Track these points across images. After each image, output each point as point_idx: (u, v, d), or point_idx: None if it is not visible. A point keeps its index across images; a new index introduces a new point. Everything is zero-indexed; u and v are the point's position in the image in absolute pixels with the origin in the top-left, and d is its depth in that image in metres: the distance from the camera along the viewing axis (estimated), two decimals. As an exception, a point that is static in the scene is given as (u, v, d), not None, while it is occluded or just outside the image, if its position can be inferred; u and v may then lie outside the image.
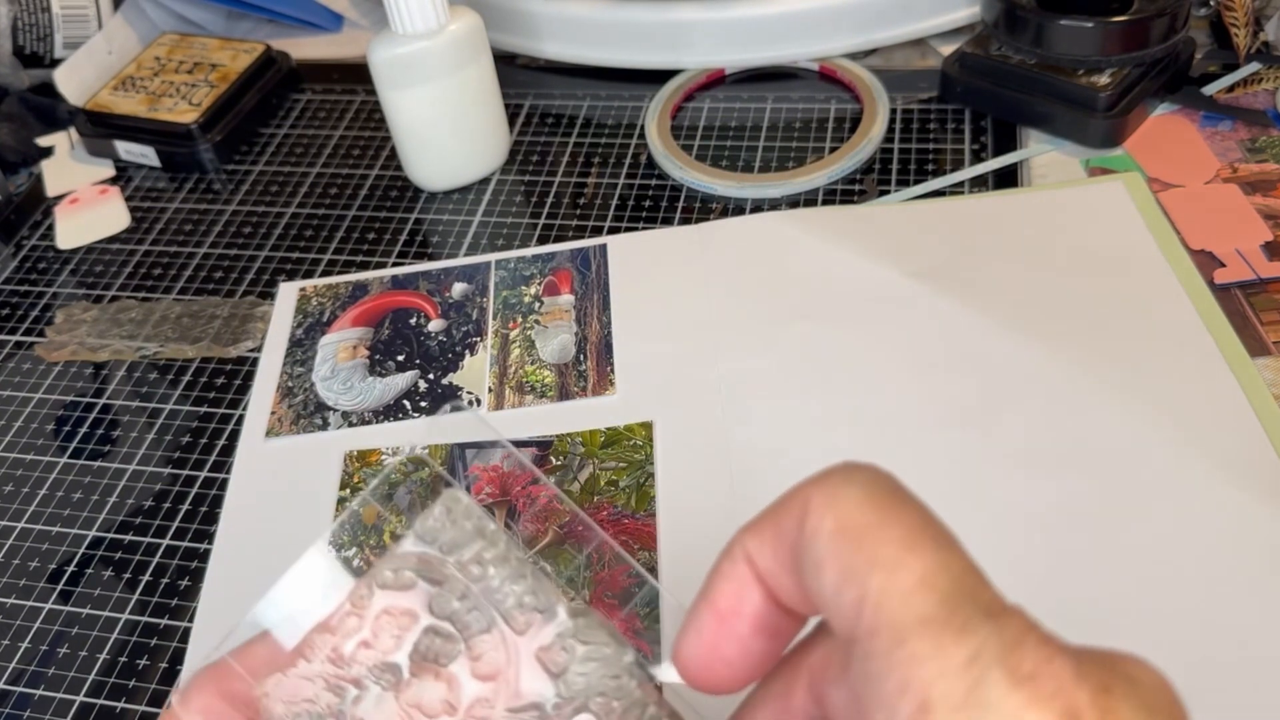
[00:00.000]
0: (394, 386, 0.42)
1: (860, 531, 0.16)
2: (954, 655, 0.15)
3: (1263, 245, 0.42)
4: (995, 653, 0.15)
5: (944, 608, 0.15)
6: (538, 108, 0.55)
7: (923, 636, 0.15)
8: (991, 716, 0.14)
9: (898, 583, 0.15)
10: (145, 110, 0.56)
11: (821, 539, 0.16)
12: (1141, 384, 0.37)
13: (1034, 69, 0.47)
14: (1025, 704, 0.14)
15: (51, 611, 0.38)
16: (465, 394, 0.42)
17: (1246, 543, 0.33)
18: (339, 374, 0.43)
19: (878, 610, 0.15)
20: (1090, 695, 0.15)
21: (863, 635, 0.15)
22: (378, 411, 0.41)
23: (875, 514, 0.16)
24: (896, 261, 0.43)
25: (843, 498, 0.17)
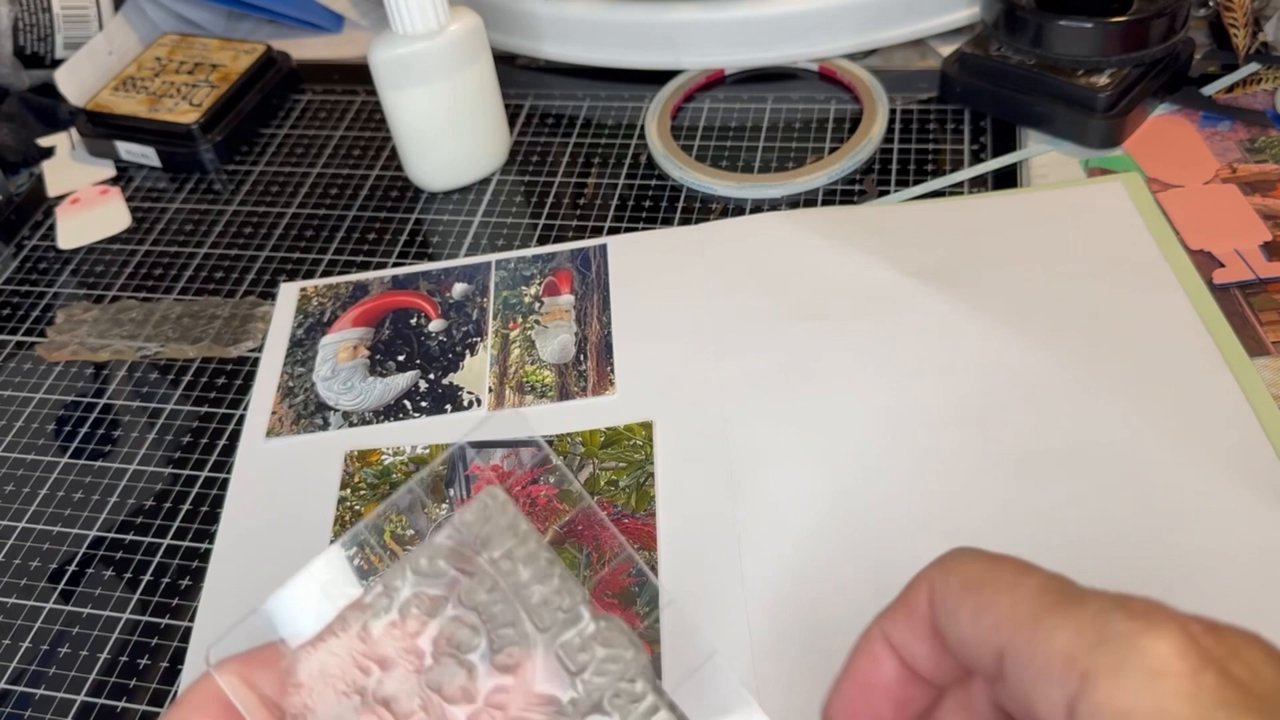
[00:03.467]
0: (394, 386, 0.42)
1: (979, 578, 0.20)
2: (1079, 616, 0.18)
3: (1262, 245, 0.42)
4: (1111, 604, 0.18)
5: (1060, 596, 0.19)
6: (538, 108, 0.56)
7: (1052, 615, 0.18)
8: (1123, 642, 0.17)
9: (1020, 595, 0.19)
10: (146, 110, 0.56)
11: (952, 594, 0.20)
12: (1141, 384, 0.37)
13: (1033, 69, 0.48)
14: (1145, 629, 0.17)
15: (52, 611, 0.38)
16: (465, 394, 0.42)
17: (1246, 543, 0.33)
18: (339, 374, 0.43)
19: (1012, 619, 0.19)
20: (1200, 624, 0.17)
21: (1006, 643, 0.19)
22: (378, 412, 0.42)
23: (986, 564, 0.20)
24: (896, 262, 0.43)
25: (958, 563, 0.21)
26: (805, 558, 0.34)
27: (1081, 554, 0.33)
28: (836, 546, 0.34)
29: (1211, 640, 0.17)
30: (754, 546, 0.35)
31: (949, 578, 0.20)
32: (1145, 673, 0.17)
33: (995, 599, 0.19)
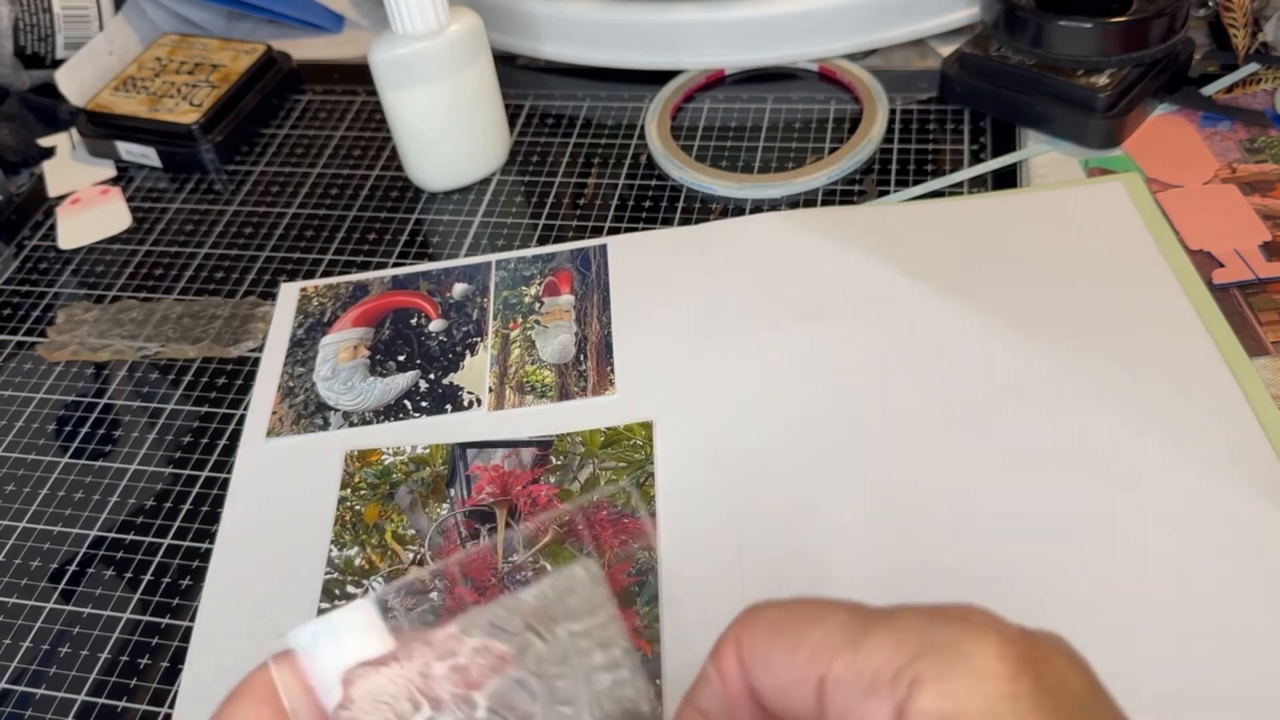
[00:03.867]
0: (395, 386, 0.42)
1: (785, 619, 0.20)
2: (898, 630, 0.18)
3: (1261, 245, 0.42)
4: (927, 615, 0.18)
5: (871, 616, 0.19)
6: (538, 108, 0.56)
7: (870, 634, 0.18)
8: (948, 649, 0.17)
9: (833, 624, 0.19)
10: (146, 111, 0.56)
11: (761, 643, 0.20)
12: (1140, 384, 0.37)
13: (1033, 69, 0.48)
14: (967, 634, 0.18)
15: (53, 611, 0.38)
16: (466, 394, 0.42)
17: (1245, 543, 0.33)
18: (340, 374, 0.43)
19: (829, 646, 0.19)
20: (1014, 629, 0.18)
21: (826, 671, 0.19)
22: (378, 411, 0.42)
23: (787, 607, 0.20)
24: (896, 262, 0.43)
25: (759, 614, 0.20)
26: (805, 558, 0.34)
27: (1081, 554, 0.33)
28: (837, 547, 0.34)
29: (1026, 645, 0.18)
30: (754, 547, 0.35)
31: (754, 629, 0.20)
32: (972, 676, 0.17)
33: (807, 632, 0.19)
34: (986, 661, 0.17)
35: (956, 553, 0.34)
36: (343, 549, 0.37)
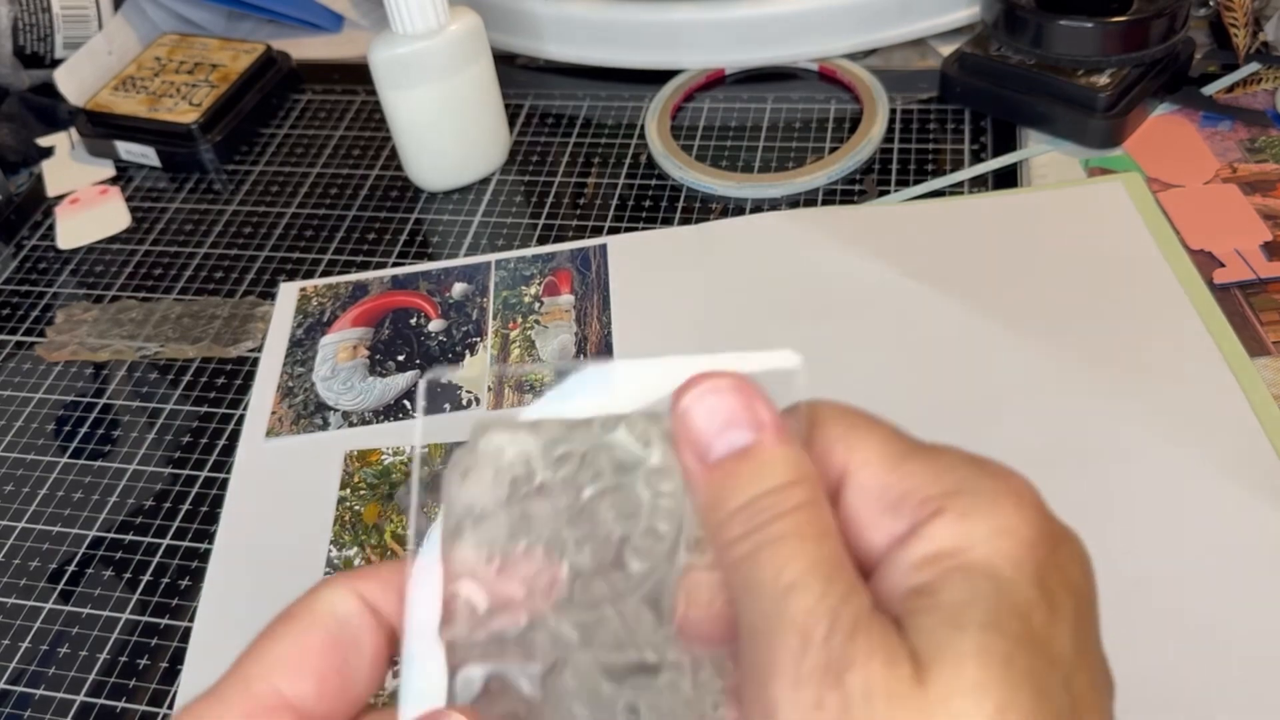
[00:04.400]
0: (394, 386, 0.42)
1: (829, 415, 0.21)
2: (939, 465, 0.18)
3: (1262, 245, 0.42)
4: (970, 461, 0.19)
5: (918, 444, 0.19)
6: (538, 108, 0.56)
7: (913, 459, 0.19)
8: (981, 497, 0.17)
9: (884, 435, 0.20)
10: (146, 110, 0.56)
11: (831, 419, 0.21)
12: (1141, 384, 0.37)
13: (1033, 69, 0.47)
14: (1006, 492, 0.18)
15: (52, 611, 0.38)
16: (465, 393, 0.42)
17: (1247, 542, 0.33)
18: (339, 374, 0.43)
19: (877, 454, 0.19)
20: (1047, 507, 0.18)
21: (857, 471, 0.19)
22: (378, 411, 0.41)
23: (852, 410, 0.21)
24: (896, 261, 0.43)
25: (830, 403, 0.21)
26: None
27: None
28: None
29: (1053, 526, 0.18)
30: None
31: (828, 407, 0.20)
32: (993, 526, 0.17)
33: (863, 434, 0.19)
34: (1012, 520, 0.17)
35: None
36: (342, 549, 0.37)
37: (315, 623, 0.20)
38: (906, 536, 0.17)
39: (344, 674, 0.19)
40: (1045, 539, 0.17)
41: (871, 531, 0.18)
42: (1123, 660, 0.31)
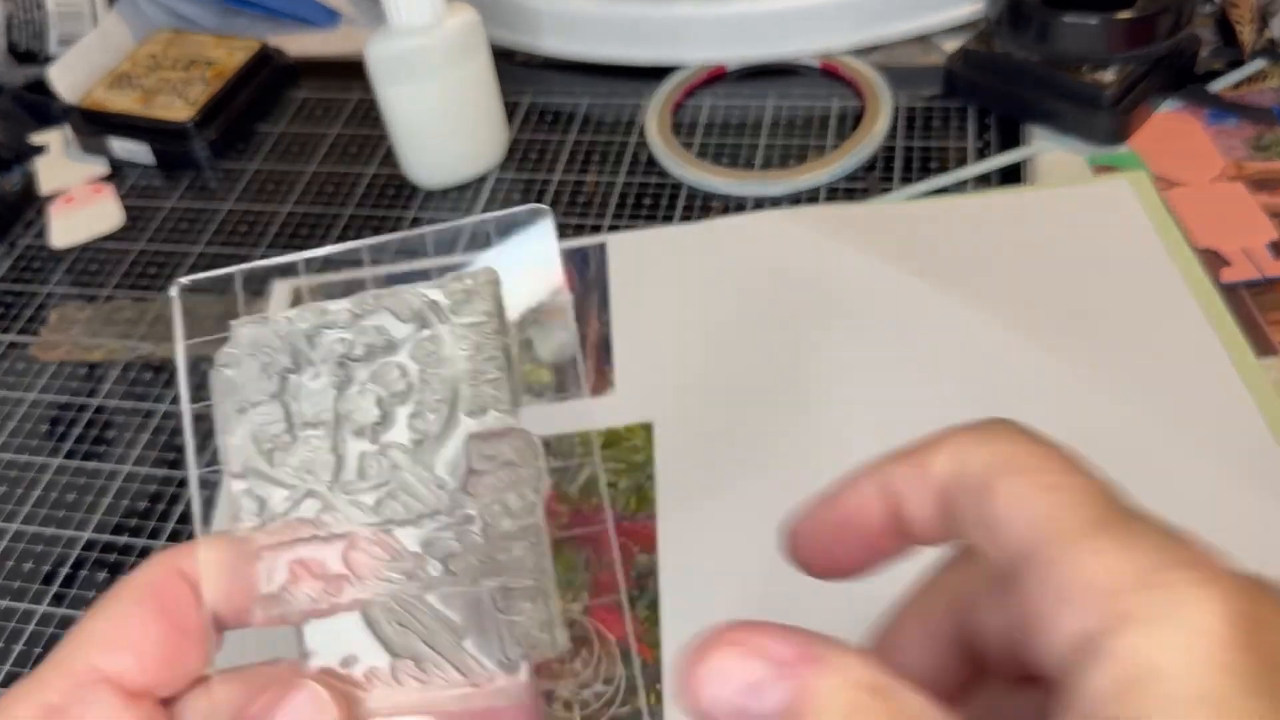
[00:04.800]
0: (391, 387, 0.42)
1: (1020, 462, 0.18)
2: (1128, 545, 0.16)
3: (1269, 244, 0.41)
4: (1164, 541, 0.16)
5: (1108, 511, 0.17)
6: (536, 105, 0.55)
7: (1098, 536, 0.16)
8: (1172, 591, 0.15)
9: (1065, 499, 0.17)
10: (140, 107, 0.55)
11: (982, 470, 0.18)
12: (1146, 383, 0.37)
13: (1038, 65, 0.47)
14: (1199, 581, 0.16)
15: (45, 613, 0.37)
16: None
17: (1253, 542, 0.32)
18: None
19: (1050, 524, 0.17)
20: (1254, 585, 0.16)
21: (1034, 550, 0.17)
22: (375, 412, 0.41)
23: (1030, 449, 0.18)
24: (899, 260, 0.42)
25: (997, 437, 0.19)
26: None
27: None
28: (840, 549, 0.34)
29: (1258, 606, 0.16)
30: (755, 547, 0.34)
31: (983, 450, 0.18)
32: (1188, 631, 0.15)
33: (1035, 495, 0.17)
34: (1208, 619, 0.15)
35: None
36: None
37: (134, 598, 0.20)
38: (1091, 647, 0.15)
39: (166, 647, 0.20)
40: (1250, 631, 0.15)
41: (1051, 625, 0.16)
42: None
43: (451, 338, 0.21)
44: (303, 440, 0.21)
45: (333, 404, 0.21)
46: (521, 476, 0.21)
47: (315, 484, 0.21)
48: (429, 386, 0.21)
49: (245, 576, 0.20)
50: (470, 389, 0.21)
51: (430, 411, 0.21)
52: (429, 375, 0.21)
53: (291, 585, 0.20)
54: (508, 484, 0.20)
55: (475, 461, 0.21)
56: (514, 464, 0.21)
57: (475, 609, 0.20)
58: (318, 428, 0.21)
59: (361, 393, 0.21)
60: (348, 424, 0.21)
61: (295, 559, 0.20)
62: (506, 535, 0.20)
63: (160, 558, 0.21)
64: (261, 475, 0.21)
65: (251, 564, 0.20)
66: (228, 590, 0.20)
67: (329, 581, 0.20)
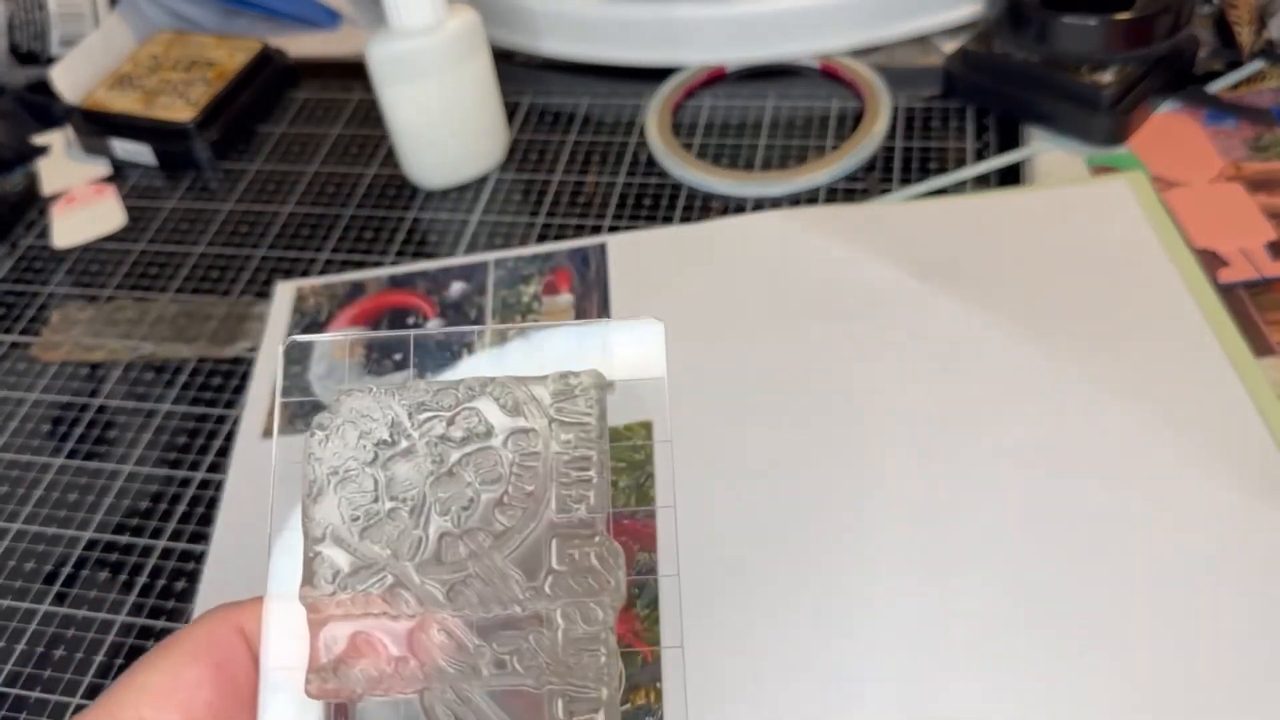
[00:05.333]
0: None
1: None
2: None
3: (1267, 244, 0.41)
4: None
5: None
6: (537, 105, 0.55)
7: None
8: None
9: None
10: (141, 108, 0.55)
11: None
12: (1145, 384, 0.37)
13: (1037, 66, 0.47)
14: None
15: (47, 613, 0.37)
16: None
17: (1251, 543, 0.32)
18: (335, 373, 0.43)
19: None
20: None
21: None
22: (376, 412, 0.41)
23: None
24: (898, 260, 0.42)
25: None
26: (808, 557, 0.34)
27: (1085, 553, 0.33)
28: (839, 546, 0.34)
29: None
30: (756, 546, 0.34)
31: None
32: None
33: None
34: None
35: (960, 551, 0.33)
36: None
37: (190, 653, 0.20)
38: None
39: (216, 708, 0.19)
40: None
41: None
42: (1125, 660, 0.31)
43: (550, 435, 0.21)
44: (388, 514, 0.21)
45: (424, 483, 0.21)
46: (601, 585, 0.20)
47: (393, 561, 0.20)
48: (521, 479, 0.21)
49: (305, 643, 0.20)
50: (561, 488, 0.21)
51: (518, 504, 0.21)
52: (522, 468, 0.21)
53: (350, 659, 0.20)
54: (585, 590, 0.20)
55: (556, 561, 0.20)
56: (595, 570, 0.20)
57: (534, 712, 0.20)
58: (405, 504, 0.21)
59: (453, 476, 0.21)
60: (435, 505, 0.21)
61: (359, 633, 0.20)
62: (576, 642, 0.20)
63: (221, 612, 0.20)
64: (342, 543, 0.21)
65: (314, 631, 0.20)
66: (285, 655, 0.20)
67: (390, 662, 0.20)
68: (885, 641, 0.32)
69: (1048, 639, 0.31)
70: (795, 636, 0.32)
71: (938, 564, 0.33)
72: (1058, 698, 0.30)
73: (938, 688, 0.31)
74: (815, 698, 0.31)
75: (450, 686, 0.20)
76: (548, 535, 0.21)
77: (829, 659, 0.32)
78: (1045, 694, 0.30)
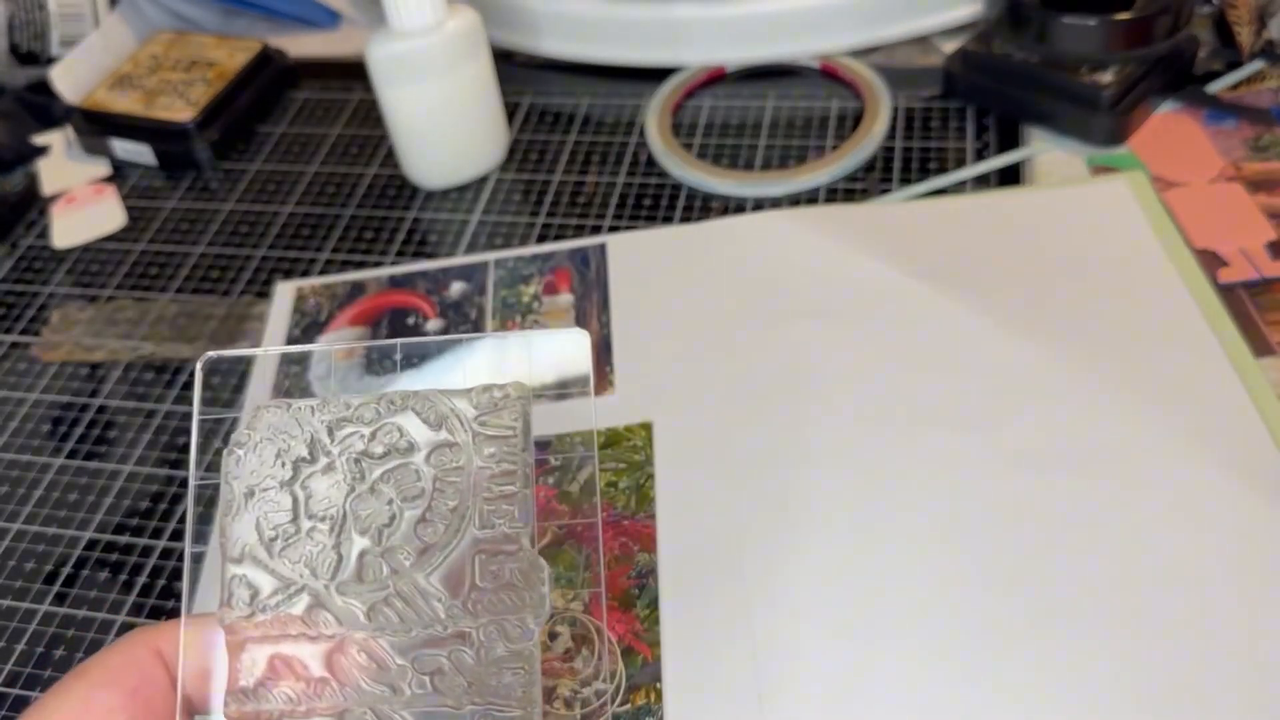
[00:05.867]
0: (391, 387, 0.42)
1: None
2: None
3: (1267, 244, 0.41)
4: None
5: None
6: (536, 105, 0.55)
7: None
8: None
9: None
10: (141, 108, 0.55)
11: None
12: (1145, 384, 0.37)
13: (1037, 66, 0.47)
14: None
15: (47, 613, 0.37)
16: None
17: (1252, 544, 0.32)
18: (335, 373, 0.43)
19: None
20: None
21: None
22: (376, 412, 0.41)
23: None
24: (898, 261, 0.42)
25: None
26: (807, 557, 0.34)
27: (1085, 553, 0.33)
28: (840, 546, 0.34)
29: None
30: (755, 547, 0.34)
31: None
32: None
33: None
34: None
35: (960, 551, 0.33)
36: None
37: (104, 681, 0.19)
38: None
39: None
40: None
41: None
42: (1125, 660, 0.31)
43: (473, 448, 0.21)
44: (306, 533, 0.21)
45: (343, 500, 0.21)
46: (523, 601, 0.20)
47: (312, 580, 0.20)
48: (442, 495, 0.21)
49: (224, 665, 0.20)
50: (484, 502, 0.21)
51: (440, 520, 0.20)
52: (444, 483, 0.21)
53: (270, 681, 0.20)
54: (508, 607, 0.20)
55: (479, 578, 0.20)
56: (517, 587, 0.20)
57: None
58: (324, 522, 0.21)
59: (374, 492, 0.21)
60: (355, 522, 0.21)
61: (278, 655, 0.20)
62: (499, 660, 0.20)
63: (138, 635, 0.20)
64: (259, 563, 0.20)
65: (234, 653, 0.20)
66: (203, 677, 0.20)
67: (309, 683, 0.20)
68: (886, 642, 0.32)
69: (1047, 639, 0.31)
70: (795, 636, 0.32)
71: (938, 564, 0.33)
72: (1058, 698, 0.30)
73: (940, 690, 0.31)
74: (813, 697, 0.31)
75: (370, 708, 0.20)
76: (471, 551, 0.20)
77: (830, 659, 0.32)
78: (1045, 694, 0.30)
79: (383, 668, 0.20)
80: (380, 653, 0.20)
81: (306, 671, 0.20)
